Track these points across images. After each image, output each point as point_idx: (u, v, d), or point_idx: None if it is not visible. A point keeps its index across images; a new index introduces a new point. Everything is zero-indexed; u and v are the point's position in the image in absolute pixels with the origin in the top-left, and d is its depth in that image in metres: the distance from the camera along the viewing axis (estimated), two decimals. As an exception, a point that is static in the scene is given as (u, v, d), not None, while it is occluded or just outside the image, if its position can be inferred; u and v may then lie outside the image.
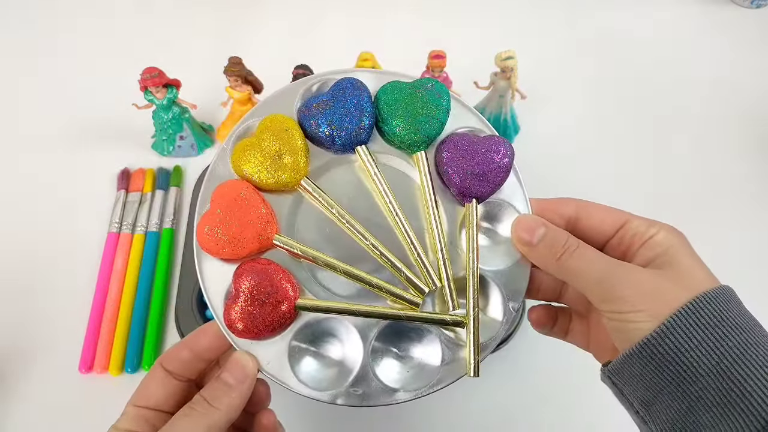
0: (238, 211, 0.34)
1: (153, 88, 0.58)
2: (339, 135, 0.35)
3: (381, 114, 0.36)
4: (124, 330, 0.54)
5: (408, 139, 0.36)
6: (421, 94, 0.36)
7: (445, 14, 0.80)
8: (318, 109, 0.36)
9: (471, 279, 0.34)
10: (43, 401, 0.52)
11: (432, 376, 0.34)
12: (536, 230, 0.34)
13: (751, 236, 0.61)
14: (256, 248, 0.34)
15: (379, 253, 0.35)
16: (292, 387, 0.33)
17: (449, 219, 0.37)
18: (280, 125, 0.35)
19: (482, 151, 0.35)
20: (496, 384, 0.53)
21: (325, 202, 0.35)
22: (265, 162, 0.34)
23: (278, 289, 0.33)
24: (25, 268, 0.59)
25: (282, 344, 0.34)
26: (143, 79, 0.57)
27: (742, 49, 0.77)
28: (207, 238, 0.33)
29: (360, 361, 0.34)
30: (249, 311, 0.32)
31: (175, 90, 0.60)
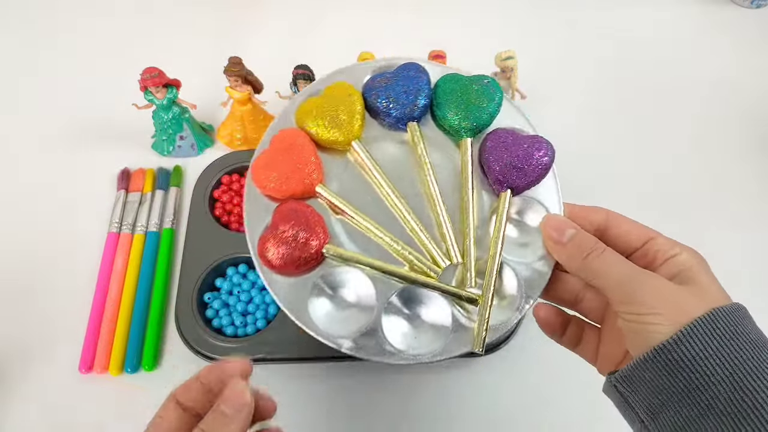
0: (291, 154, 0.37)
1: (153, 88, 0.58)
2: (395, 108, 0.39)
3: (437, 99, 0.40)
4: (124, 330, 0.54)
5: (458, 125, 0.39)
6: (477, 87, 0.39)
7: (445, 14, 0.80)
8: (381, 83, 0.39)
9: (492, 262, 0.36)
10: (43, 401, 0.52)
11: (437, 346, 0.36)
12: (566, 230, 0.35)
13: (751, 236, 0.61)
14: (300, 191, 0.37)
15: (410, 222, 0.37)
16: (305, 325, 0.35)
17: (482, 207, 0.39)
18: (344, 91, 0.39)
19: (524, 146, 0.38)
20: (496, 383, 0.53)
21: (369, 166, 0.38)
22: (325, 119, 0.38)
23: (311, 230, 0.35)
24: (25, 268, 0.59)
25: (303, 284, 0.36)
26: (143, 79, 0.57)
27: (742, 49, 0.77)
28: (259, 171, 0.37)
29: (372, 316, 0.36)
30: (281, 243, 0.35)
31: (175, 90, 0.60)
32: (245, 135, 0.64)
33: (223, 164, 0.62)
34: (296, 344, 0.52)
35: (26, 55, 0.76)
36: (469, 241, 0.37)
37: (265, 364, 0.53)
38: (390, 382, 0.53)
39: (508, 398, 0.53)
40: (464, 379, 0.53)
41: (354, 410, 0.52)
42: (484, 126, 0.39)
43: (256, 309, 0.55)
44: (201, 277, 0.55)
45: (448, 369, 0.54)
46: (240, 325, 0.54)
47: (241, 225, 0.59)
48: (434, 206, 0.38)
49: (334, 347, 0.35)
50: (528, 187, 0.38)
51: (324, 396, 0.53)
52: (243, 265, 0.57)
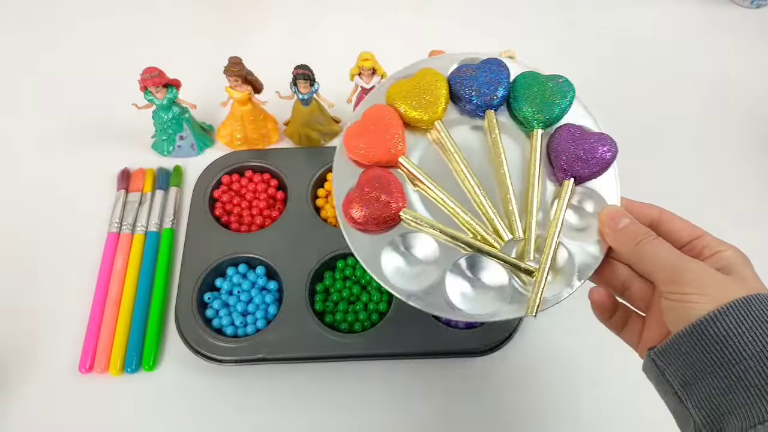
0: (380, 126, 0.42)
1: (153, 88, 0.58)
2: (477, 96, 0.43)
3: (515, 92, 0.43)
4: (124, 330, 0.54)
5: (531, 117, 0.42)
6: (552, 84, 0.43)
7: (445, 14, 0.80)
8: (466, 73, 0.44)
9: (551, 240, 0.40)
10: (43, 401, 0.52)
11: (493, 308, 0.39)
12: (621, 219, 0.38)
13: (751, 237, 0.61)
14: (385, 160, 0.41)
15: (479, 197, 0.41)
16: (377, 276, 0.40)
17: (545, 193, 0.42)
18: (432, 76, 0.44)
19: (591, 141, 0.41)
20: (496, 383, 0.53)
21: (448, 144, 0.42)
22: (413, 100, 0.43)
23: (391, 194, 0.40)
24: (25, 268, 0.59)
25: (378, 241, 0.40)
26: (143, 79, 0.57)
27: (742, 49, 0.77)
28: (351, 139, 0.42)
29: (437, 276, 0.39)
30: (365, 203, 0.39)
31: (175, 90, 0.60)
32: (245, 135, 0.64)
33: (224, 164, 0.62)
34: (296, 344, 0.52)
35: (26, 55, 0.76)
36: (531, 220, 0.40)
37: (265, 364, 0.53)
38: (390, 381, 0.53)
39: (508, 398, 0.53)
40: (464, 379, 0.53)
41: (354, 410, 0.52)
42: (555, 120, 0.43)
43: (256, 309, 0.55)
44: (201, 277, 0.55)
45: (449, 369, 0.54)
46: (240, 325, 0.54)
47: (240, 225, 0.59)
48: (503, 185, 0.42)
49: (401, 298, 0.39)
50: (590, 178, 0.42)
51: (324, 395, 0.53)
52: (243, 265, 0.57)
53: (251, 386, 0.53)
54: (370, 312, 0.54)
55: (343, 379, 0.53)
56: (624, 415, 0.52)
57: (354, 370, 0.53)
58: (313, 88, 0.59)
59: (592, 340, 0.55)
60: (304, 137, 0.64)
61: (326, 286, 0.56)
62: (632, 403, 0.52)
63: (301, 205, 0.60)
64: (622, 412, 0.52)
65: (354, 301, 0.55)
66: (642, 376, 0.52)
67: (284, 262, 0.56)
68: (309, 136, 0.64)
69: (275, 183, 0.63)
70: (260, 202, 0.60)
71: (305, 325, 0.53)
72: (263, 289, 0.56)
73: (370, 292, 0.55)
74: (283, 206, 0.61)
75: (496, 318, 0.39)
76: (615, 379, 0.53)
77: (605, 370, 0.54)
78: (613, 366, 0.54)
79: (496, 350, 0.53)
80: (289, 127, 0.65)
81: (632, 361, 0.55)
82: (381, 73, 0.59)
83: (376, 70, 0.59)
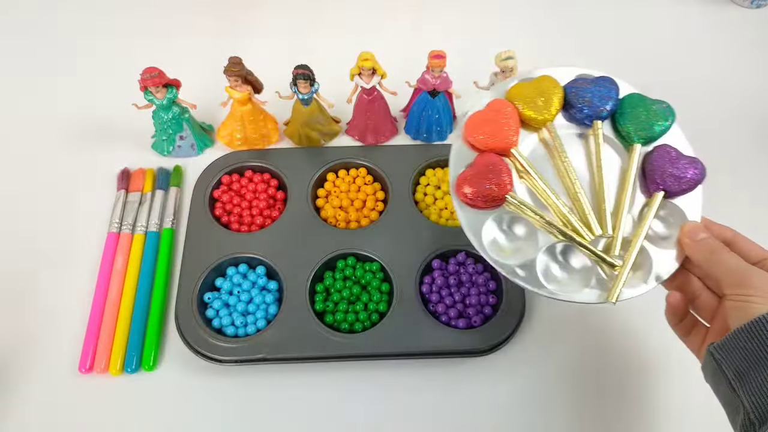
0: (499, 118, 0.48)
1: (153, 88, 0.58)
2: (588, 106, 0.49)
3: (621, 109, 0.49)
4: (124, 330, 0.54)
5: (633, 133, 0.48)
6: (655, 108, 0.49)
7: (445, 14, 0.80)
8: (581, 85, 0.50)
9: (637, 240, 0.45)
10: (43, 401, 0.52)
11: (575, 289, 0.45)
12: (700, 232, 0.44)
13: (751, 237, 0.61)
14: (499, 148, 0.47)
15: (577, 194, 0.46)
16: (478, 246, 0.45)
17: (634, 202, 0.47)
18: (550, 83, 0.49)
19: (683, 162, 0.47)
20: (496, 383, 0.53)
21: (554, 144, 0.48)
22: (530, 100, 0.48)
23: (501, 176, 0.45)
24: (25, 267, 0.59)
25: (483, 217, 0.46)
26: (143, 79, 0.57)
27: (742, 49, 0.77)
28: (472, 126, 0.48)
29: (531, 254, 0.45)
30: (476, 182, 0.45)
31: (175, 90, 0.60)
32: (245, 135, 0.64)
33: (224, 164, 0.62)
34: (296, 344, 0.52)
35: (26, 56, 0.76)
36: (621, 220, 0.46)
37: (265, 364, 0.53)
38: (390, 381, 0.53)
39: (508, 398, 0.53)
40: (464, 379, 0.53)
41: (354, 409, 0.52)
42: (654, 139, 0.49)
43: (256, 309, 0.55)
44: (201, 277, 0.55)
45: (449, 368, 0.54)
46: (240, 325, 0.54)
47: (241, 225, 0.60)
48: (600, 188, 0.47)
49: (498, 268, 0.45)
50: (678, 194, 0.47)
51: (324, 395, 0.53)
52: (243, 265, 0.57)
53: (251, 386, 0.53)
54: (371, 312, 0.54)
55: (343, 379, 0.53)
56: (623, 415, 0.52)
57: (354, 369, 0.54)
58: (313, 88, 0.59)
59: (592, 340, 0.56)
60: (304, 137, 0.64)
61: (326, 286, 0.56)
62: (630, 403, 0.52)
63: (302, 205, 0.60)
64: (621, 410, 0.52)
65: (354, 301, 0.55)
66: (638, 377, 0.53)
67: (284, 262, 0.56)
68: (309, 136, 0.64)
69: (275, 183, 0.63)
70: (260, 202, 0.60)
71: (305, 325, 0.53)
72: (263, 289, 0.56)
73: (371, 292, 0.55)
74: (283, 206, 0.61)
75: (577, 300, 0.44)
76: (614, 379, 0.54)
77: (604, 370, 0.54)
78: (613, 366, 0.54)
79: (495, 350, 0.53)
80: (289, 127, 0.65)
81: (631, 362, 0.55)
82: (381, 73, 0.59)
83: (375, 70, 0.59)
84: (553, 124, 0.49)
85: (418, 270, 0.55)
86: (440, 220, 0.60)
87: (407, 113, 0.66)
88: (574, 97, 0.49)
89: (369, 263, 0.57)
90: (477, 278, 0.55)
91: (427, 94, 0.62)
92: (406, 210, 0.59)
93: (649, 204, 0.47)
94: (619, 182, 0.48)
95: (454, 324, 0.53)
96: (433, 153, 0.63)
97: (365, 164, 0.63)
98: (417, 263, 0.56)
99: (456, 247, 0.57)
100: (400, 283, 0.55)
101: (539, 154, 0.49)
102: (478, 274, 0.56)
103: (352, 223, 0.60)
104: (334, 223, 0.60)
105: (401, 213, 0.59)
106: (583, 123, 0.50)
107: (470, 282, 0.55)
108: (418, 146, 0.65)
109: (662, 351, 0.54)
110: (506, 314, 0.53)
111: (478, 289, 0.55)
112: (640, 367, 0.54)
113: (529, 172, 0.47)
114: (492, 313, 0.54)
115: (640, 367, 0.54)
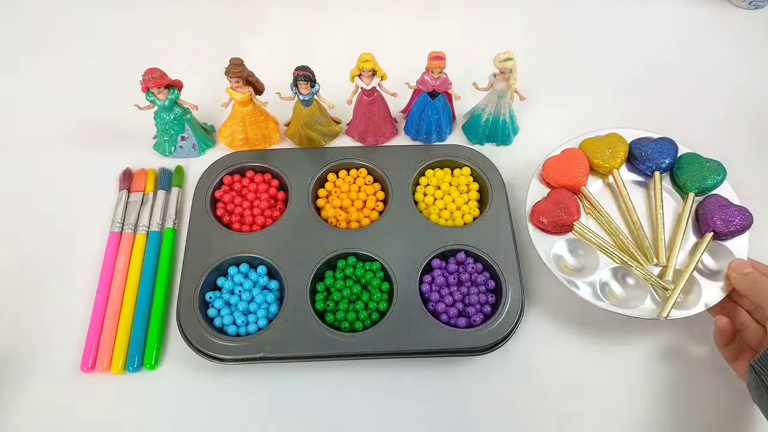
0: (572, 162, 0.59)
1: (155, 89, 0.59)
2: (649, 159, 0.59)
3: (679, 164, 0.59)
4: (126, 329, 0.54)
5: (689, 184, 0.58)
6: (709, 164, 0.58)
7: (445, 15, 0.81)
8: (645, 142, 0.60)
9: (688, 270, 0.54)
10: (45, 400, 0.52)
11: (630, 306, 0.52)
12: (746, 268, 0.52)
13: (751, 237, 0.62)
14: (570, 185, 0.58)
15: (637, 230, 0.56)
16: (547, 264, 0.54)
17: (687, 241, 0.57)
18: (617, 139, 0.61)
19: (733, 209, 0.56)
20: (495, 382, 0.53)
21: (618, 187, 0.59)
22: (599, 152, 0.59)
23: (570, 208, 0.55)
24: (27, 267, 0.59)
25: (554, 240, 0.55)
26: (145, 80, 0.58)
27: (741, 49, 0.77)
28: (550, 166, 0.59)
29: (594, 272, 0.54)
30: (549, 209, 0.55)
31: (176, 91, 0.60)
32: (246, 136, 0.64)
33: (225, 164, 0.63)
34: (297, 343, 0.52)
35: (27, 55, 0.76)
36: (676, 253, 0.55)
37: (266, 363, 0.53)
38: (390, 380, 0.53)
39: (508, 397, 0.53)
40: (464, 378, 0.54)
41: (354, 408, 0.52)
42: (707, 190, 0.58)
43: (257, 308, 0.55)
44: (203, 276, 0.55)
45: (449, 367, 0.54)
46: (242, 324, 0.54)
47: (242, 225, 0.60)
48: (657, 224, 0.56)
49: (564, 282, 0.53)
50: (727, 236, 0.55)
51: (324, 394, 0.53)
52: (244, 264, 0.57)
53: (253, 385, 0.53)
54: (371, 311, 0.55)
55: (343, 378, 0.54)
56: (622, 415, 0.53)
57: (354, 368, 0.54)
58: (313, 89, 0.60)
59: (591, 339, 0.56)
60: (304, 138, 0.65)
61: (327, 285, 0.56)
62: (628, 404, 0.53)
63: (302, 205, 0.60)
64: (621, 410, 0.53)
65: (355, 300, 0.56)
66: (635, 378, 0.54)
67: (285, 262, 0.56)
68: (310, 137, 0.65)
69: (276, 183, 0.63)
70: (261, 202, 0.61)
71: (306, 324, 0.53)
72: (264, 288, 0.56)
73: (371, 291, 0.56)
74: (284, 206, 0.61)
75: (631, 313, 0.52)
76: (613, 380, 0.54)
77: (604, 370, 0.54)
78: (611, 366, 0.55)
79: (495, 349, 0.53)
80: (290, 128, 0.65)
81: (629, 363, 0.55)
82: (381, 74, 0.60)
83: (376, 71, 0.59)
84: (618, 171, 0.59)
85: (418, 269, 0.56)
86: (440, 220, 0.60)
87: (407, 114, 0.66)
88: (639, 150, 0.59)
89: (369, 263, 0.57)
90: (477, 277, 0.56)
91: (426, 95, 0.62)
92: (406, 210, 0.60)
93: (700, 242, 0.55)
94: (674, 223, 0.57)
95: (455, 323, 0.54)
96: (432, 153, 0.64)
97: (365, 165, 0.63)
98: (417, 263, 0.56)
99: (456, 247, 0.57)
100: (400, 283, 0.55)
101: (604, 196, 0.59)
102: (477, 273, 0.56)
103: (352, 223, 0.60)
104: (334, 223, 0.60)
105: (401, 213, 0.60)
106: (644, 173, 0.60)
107: (470, 281, 0.56)
108: (418, 147, 0.66)
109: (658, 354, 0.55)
110: (506, 313, 0.53)
111: (478, 288, 0.55)
112: (639, 366, 0.55)
113: (595, 207, 0.57)
114: (492, 312, 0.54)
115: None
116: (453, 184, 0.62)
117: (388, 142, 0.67)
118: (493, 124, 0.65)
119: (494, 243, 0.57)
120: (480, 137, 0.67)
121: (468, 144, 0.67)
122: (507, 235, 0.58)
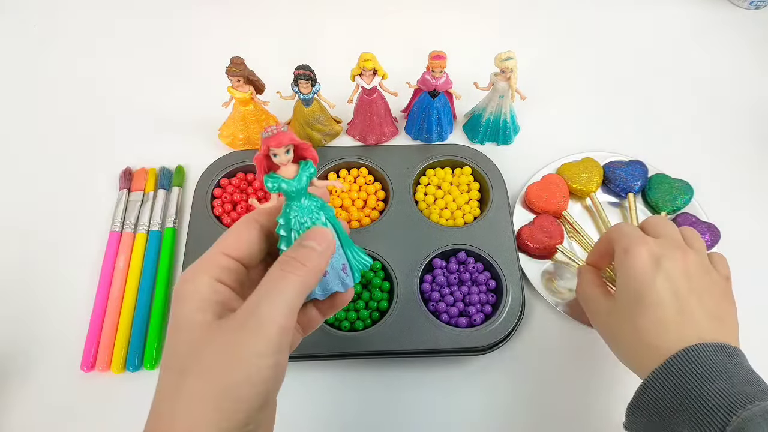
0: (552, 188, 0.62)
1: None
2: (621, 181, 0.62)
3: (650, 185, 0.63)
4: (126, 328, 0.54)
5: (660, 204, 0.61)
6: (677, 185, 0.62)
7: (445, 14, 0.81)
8: (617, 166, 0.63)
9: None
10: (45, 400, 0.52)
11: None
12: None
13: (750, 238, 0.62)
14: (552, 210, 0.61)
15: None
16: (539, 287, 0.57)
17: None
18: (592, 163, 0.63)
19: (702, 226, 0.59)
20: (496, 381, 0.53)
21: (599, 208, 0.62)
22: (576, 176, 0.62)
23: (554, 232, 0.59)
24: (27, 267, 0.59)
25: (539, 264, 0.58)
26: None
27: (741, 49, 0.77)
28: (533, 192, 0.61)
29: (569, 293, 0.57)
30: (535, 234, 0.58)
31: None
32: (247, 135, 0.64)
33: (225, 164, 0.63)
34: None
35: (28, 55, 0.76)
36: None
37: (266, 363, 0.53)
38: (391, 379, 0.53)
39: (508, 396, 0.53)
40: (465, 378, 0.54)
41: (354, 408, 0.52)
42: (678, 209, 0.61)
43: (257, 307, 0.55)
44: (203, 275, 0.55)
45: (450, 366, 0.54)
46: (242, 324, 0.54)
47: (242, 224, 0.60)
48: None
49: (551, 303, 0.56)
50: None
51: (325, 394, 0.53)
52: (245, 264, 0.57)
53: (253, 384, 0.53)
54: (372, 310, 0.55)
55: (343, 377, 0.53)
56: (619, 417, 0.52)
57: (355, 368, 0.54)
58: (314, 88, 0.60)
59: (592, 339, 0.56)
60: (305, 137, 0.65)
61: (327, 285, 0.56)
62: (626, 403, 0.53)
63: (303, 204, 0.60)
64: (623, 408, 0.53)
65: (355, 299, 0.55)
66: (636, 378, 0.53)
67: (286, 261, 0.56)
68: (310, 137, 0.65)
69: (277, 183, 0.63)
70: (262, 202, 0.61)
71: (306, 323, 0.53)
72: (265, 287, 0.56)
73: (372, 290, 0.56)
74: (284, 206, 0.61)
75: None
76: (612, 380, 0.54)
77: (603, 370, 0.54)
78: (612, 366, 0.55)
79: (496, 349, 0.53)
80: (291, 128, 0.65)
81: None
82: (382, 74, 0.60)
83: (377, 70, 0.59)
84: (595, 195, 0.62)
85: (419, 269, 0.56)
86: (440, 219, 0.60)
87: (408, 113, 0.66)
88: (612, 173, 0.63)
89: (370, 262, 0.57)
90: (477, 277, 0.56)
91: (427, 94, 0.62)
92: (406, 209, 0.60)
93: None
94: None
95: (455, 322, 0.54)
96: (433, 153, 0.64)
97: (366, 164, 0.63)
98: (418, 262, 0.56)
99: (456, 246, 0.57)
100: (401, 282, 0.55)
101: (582, 218, 0.62)
102: (478, 272, 0.56)
103: (353, 222, 0.60)
104: (335, 222, 0.60)
105: (402, 212, 0.60)
106: (618, 195, 0.63)
107: (471, 280, 0.56)
108: (418, 146, 0.66)
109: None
110: (507, 312, 0.53)
111: (479, 287, 0.55)
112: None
113: (576, 229, 0.60)
114: (492, 312, 0.54)
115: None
116: (454, 184, 0.62)
117: (389, 142, 0.67)
118: (494, 123, 0.65)
119: (495, 242, 0.57)
120: (481, 137, 0.67)
121: (469, 143, 0.67)
122: (508, 235, 0.58)
